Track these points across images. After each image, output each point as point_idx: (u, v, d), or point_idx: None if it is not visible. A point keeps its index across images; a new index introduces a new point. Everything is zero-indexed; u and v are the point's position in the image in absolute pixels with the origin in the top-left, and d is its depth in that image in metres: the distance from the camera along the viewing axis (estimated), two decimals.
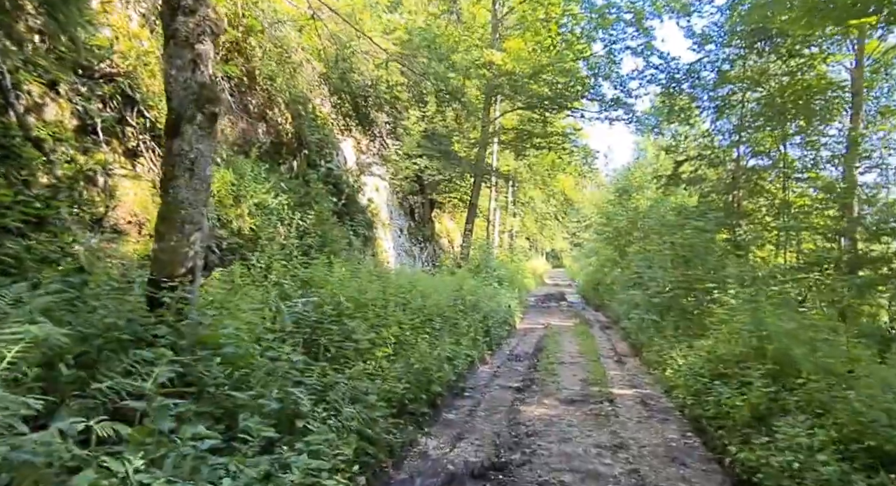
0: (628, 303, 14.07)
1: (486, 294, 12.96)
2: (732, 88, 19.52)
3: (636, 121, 21.49)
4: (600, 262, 28.64)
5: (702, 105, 20.03)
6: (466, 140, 20.72)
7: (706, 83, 20.57)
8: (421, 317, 7.40)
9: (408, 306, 7.30)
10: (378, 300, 6.61)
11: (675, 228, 11.26)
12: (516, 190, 41.52)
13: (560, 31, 18.00)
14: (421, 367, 5.69)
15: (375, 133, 10.98)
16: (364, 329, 5.50)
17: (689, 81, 19.47)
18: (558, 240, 61.86)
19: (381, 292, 7.60)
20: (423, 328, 7.08)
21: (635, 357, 11.33)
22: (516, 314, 16.39)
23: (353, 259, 11.31)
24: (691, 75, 19.36)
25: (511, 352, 11.60)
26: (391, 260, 15.96)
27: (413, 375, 5.53)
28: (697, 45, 20.10)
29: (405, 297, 7.69)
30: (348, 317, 5.74)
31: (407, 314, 7.13)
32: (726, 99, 19.97)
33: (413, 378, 5.55)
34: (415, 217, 19.94)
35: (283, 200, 9.13)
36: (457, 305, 8.96)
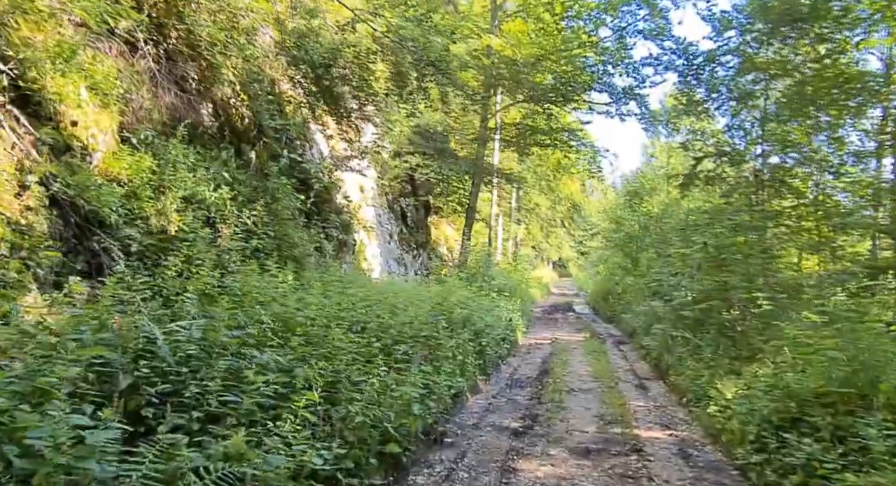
0: (647, 315, 12.20)
1: (481, 307, 11.13)
2: (756, 76, 17.75)
3: (649, 116, 19.70)
4: (610, 270, 26.77)
5: (722, 96, 18.24)
6: (463, 136, 18.97)
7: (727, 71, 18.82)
8: (387, 340, 5.59)
9: (367, 327, 5.50)
10: (319, 320, 4.81)
11: (705, 227, 9.41)
12: (521, 196, 39.77)
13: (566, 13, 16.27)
14: (368, 418, 3.88)
15: (342, 113, 9.22)
16: (280, 365, 3.70)
17: (709, 67, 17.68)
18: (565, 248, 59.98)
19: (338, 307, 5.80)
20: (388, 357, 5.26)
21: (659, 381, 9.45)
22: (519, 328, 14.54)
23: (322, 267, 9.55)
24: (712, 61, 17.57)
25: (511, 376, 9.74)
26: (376, 268, 14.18)
27: (353, 432, 3.73)
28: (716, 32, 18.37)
29: (369, 313, 5.89)
30: (264, 347, 3.95)
31: (366, 337, 5.32)
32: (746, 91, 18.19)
33: (355, 438, 3.75)
34: (407, 222, 18.18)
35: (226, 193, 7.37)
36: (438, 322, 7.12)
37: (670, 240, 15.18)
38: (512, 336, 12.68)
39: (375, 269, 14.09)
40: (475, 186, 19.00)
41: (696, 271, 10.33)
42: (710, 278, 8.54)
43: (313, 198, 10.21)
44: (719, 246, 8.53)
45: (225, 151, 7.92)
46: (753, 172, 18.68)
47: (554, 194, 40.45)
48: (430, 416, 5.39)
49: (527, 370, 10.37)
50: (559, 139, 19.99)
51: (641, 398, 8.10)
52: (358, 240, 13.50)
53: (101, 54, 6.40)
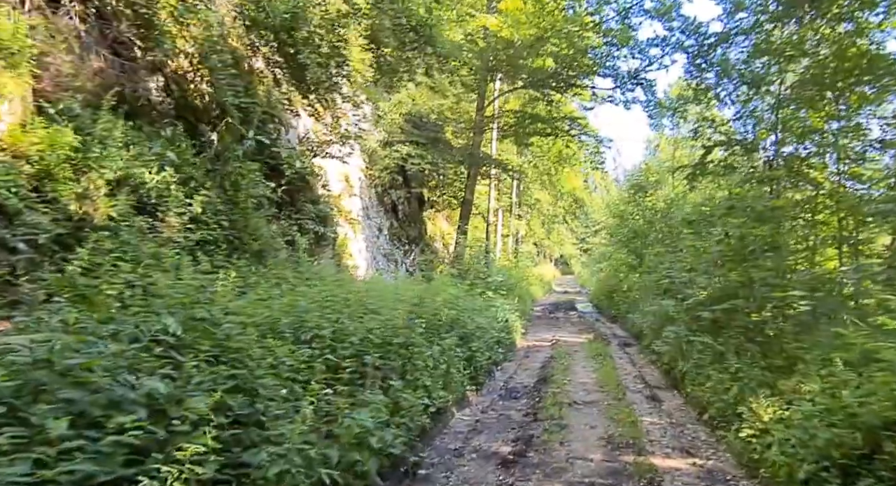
0: (656, 316, 11.10)
1: (473, 307, 10.06)
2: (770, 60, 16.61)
3: (655, 104, 18.57)
4: (614, 266, 25.65)
5: (734, 80, 17.10)
6: (459, 125, 17.86)
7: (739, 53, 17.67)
8: (344, 351, 4.51)
9: (320, 336, 4.42)
10: (251, 330, 3.73)
11: (724, 217, 8.30)
12: (522, 191, 38.67)
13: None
14: (291, 467, 2.80)
15: (309, 86, 8.13)
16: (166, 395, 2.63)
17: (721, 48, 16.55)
18: (567, 245, 58.93)
19: (286, 311, 4.73)
20: (338, 374, 4.17)
21: (673, 391, 8.37)
22: (517, 330, 13.46)
23: (293, 263, 8.48)
24: (724, 42, 16.43)
25: (505, 385, 8.67)
26: (362, 265, 13.11)
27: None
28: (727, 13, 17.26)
29: (327, 318, 4.80)
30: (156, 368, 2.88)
31: (316, 349, 4.25)
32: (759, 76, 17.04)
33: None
34: (398, 215, 17.09)
35: (169, 176, 6.30)
36: (414, 326, 6.04)
37: (680, 233, 14.08)
38: (508, 339, 11.60)
39: (361, 265, 13.02)
40: (471, 178, 17.91)
41: (712, 267, 9.23)
42: (733, 274, 7.44)
43: (284, 186, 9.14)
44: (743, 237, 7.42)
45: (170, 127, 6.83)
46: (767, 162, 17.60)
47: (556, 189, 39.28)
48: (397, 445, 4.32)
49: (524, 378, 9.29)
50: (560, 128, 18.87)
51: (654, 413, 7.01)
52: (341, 234, 12.42)
53: (7, 5, 5.34)
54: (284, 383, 3.42)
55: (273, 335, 3.97)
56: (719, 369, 6.57)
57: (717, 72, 17.77)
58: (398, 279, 10.83)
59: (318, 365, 3.91)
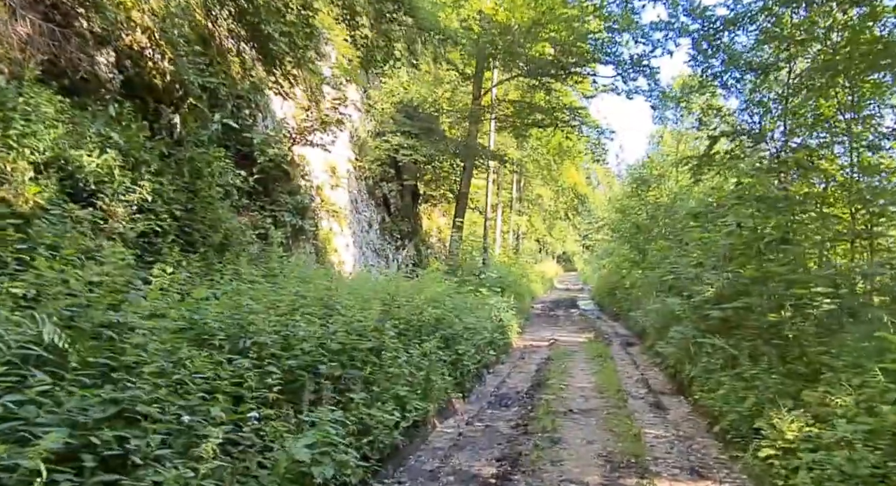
0: (660, 314, 10.37)
1: (462, 305, 9.34)
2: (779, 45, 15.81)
3: (659, 92, 17.79)
4: (616, 263, 24.92)
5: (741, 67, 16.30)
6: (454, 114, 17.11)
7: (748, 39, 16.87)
8: (292, 362, 3.80)
9: (260, 343, 3.69)
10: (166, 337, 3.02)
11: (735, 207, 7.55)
12: (522, 186, 37.94)
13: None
14: None
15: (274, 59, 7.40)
16: None
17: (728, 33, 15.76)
18: (570, 242, 58.23)
19: (224, 312, 4.01)
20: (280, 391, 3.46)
21: (679, 397, 7.65)
22: (512, 329, 12.75)
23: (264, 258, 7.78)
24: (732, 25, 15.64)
25: (496, 391, 7.96)
26: (349, 261, 12.41)
27: None
28: None
29: (275, 322, 4.08)
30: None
31: (254, 360, 3.54)
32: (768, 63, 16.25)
33: None
34: (390, 209, 16.38)
35: (112, 159, 5.59)
36: (386, 327, 5.31)
37: (685, 227, 13.35)
38: (502, 339, 10.89)
39: (347, 261, 12.32)
40: (467, 171, 17.19)
41: (721, 262, 8.50)
42: (745, 269, 6.72)
43: (257, 174, 8.43)
44: (756, 228, 6.68)
45: (113, 105, 6.12)
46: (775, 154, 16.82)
47: (557, 185, 38.50)
48: (354, 474, 3.61)
49: (517, 382, 8.58)
50: (560, 119, 18.10)
51: (659, 424, 6.29)
52: (325, 228, 11.72)
53: None
54: (192, 405, 2.70)
55: (200, 344, 3.26)
56: (732, 374, 5.84)
57: (724, 59, 17.00)
58: (384, 276, 10.12)
59: (252, 381, 3.19)
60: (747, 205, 6.93)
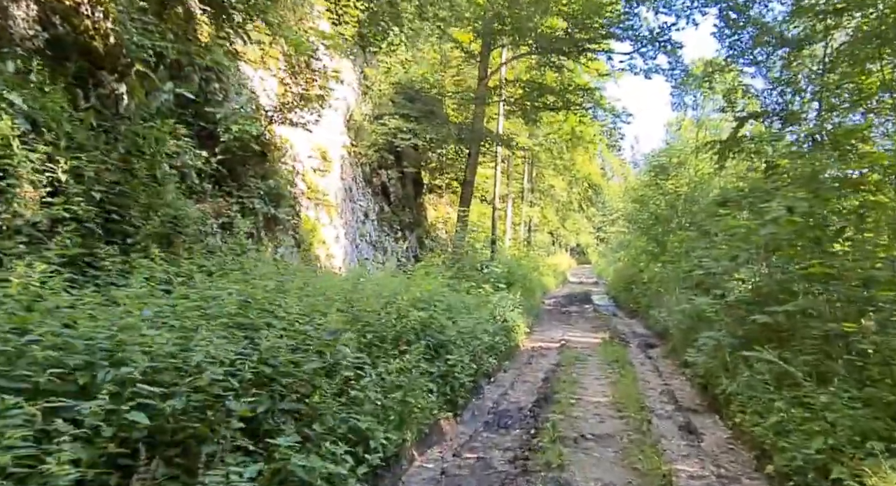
0: (685, 314, 9.10)
1: (458, 305, 8.17)
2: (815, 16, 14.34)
3: (681, 70, 16.40)
4: (633, 256, 23.59)
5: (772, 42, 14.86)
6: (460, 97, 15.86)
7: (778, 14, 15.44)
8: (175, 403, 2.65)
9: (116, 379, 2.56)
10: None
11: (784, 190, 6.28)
12: (535, 177, 36.59)
13: None
14: None
15: (224, 13, 6.26)
16: None
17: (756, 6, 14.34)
18: (584, 234, 56.79)
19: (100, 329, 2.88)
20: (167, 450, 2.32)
21: (714, 416, 6.43)
22: (519, 329, 11.56)
23: (225, 252, 6.69)
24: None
25: (495, 407, 6.79)
26: (338, 254, 11.28)
27: None
28: None
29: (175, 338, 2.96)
30: None
31: (111, 399, 2.39)
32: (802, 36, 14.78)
33: None
34: (390, 199, 15.22)
35: (8, 128, 4.49)
36: (340, 340, 4.13)
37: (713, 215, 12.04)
38: (507, 342, 9.72)
39: (337, 254, 11.20)
40: (472, 157, 15.96)
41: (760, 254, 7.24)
42: (812, 265, 5.45)
43: (221, 154, 7.30)
44: (813, 214, 5.42)
45: (14, 61, 5.01)
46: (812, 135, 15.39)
47: (570, 174, 37.07)
48: None
49: (520, 394, 7.41)
50: (573, 101, 16.77)
51: (693, 455, 5.08)
52: (311, 218, 10.61)
53: None
54: None
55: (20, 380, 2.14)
56: (787, 398, 4.61)
57: (752, 34, 15.55)
58: (363, 272, 8.98)
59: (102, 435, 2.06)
60: (800, 186, 5.66)
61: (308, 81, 8.53)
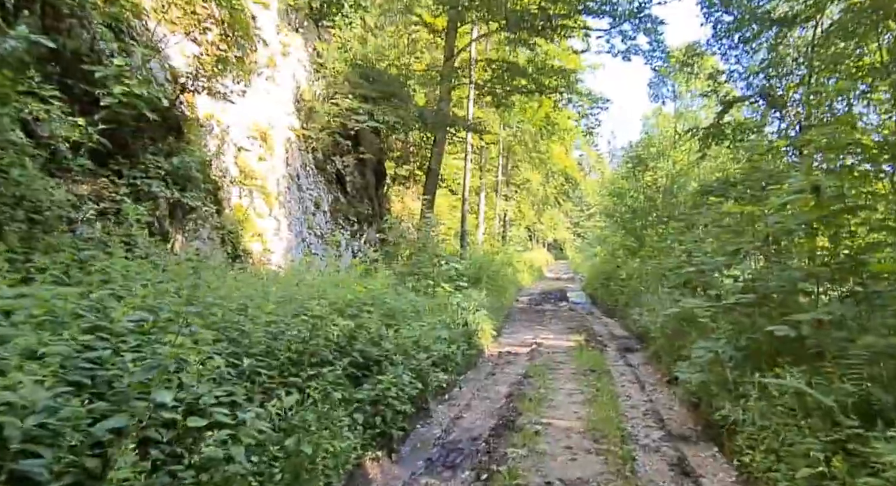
0: (673, 318, 7.88)
1: (410, 309, 6.85)
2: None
3: (661, 52, 15.27)
4: (611, 251, 22.52)
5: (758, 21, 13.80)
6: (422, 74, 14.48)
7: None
8: None
9: None
10: None
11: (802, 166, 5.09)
12: (510, 171, 35.39)
13: None
14: None
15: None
16: None
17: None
18: (560, 229, 55.96)
19: None
20: None
21: (712, 448, 5.21)
22: (485, 333, 10.30)
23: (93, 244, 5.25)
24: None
25: (444, 435, 5.48)
26: (278, 249, 9.85)
27: None
28: None
29: None
30: None
31: None
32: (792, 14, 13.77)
33: None
34: (346, 188, 13.81)
35: None
36: (160, 377, 2.77)
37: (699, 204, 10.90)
38: (467, 350, 8.41)
39: (277, 250, 9.77)
40: (438, 143, 14.63)
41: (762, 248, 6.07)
42: (874, 265, 4.22)
43: (104, 124, 5.84)
44: (842, 195, 4.21)
45: None
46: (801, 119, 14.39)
47: (546, 167, 35.93)
48: None
49: (477, 418, 6.12)
50: (547, 85, 15.52)
51: None
52: (245, 207, 9.17)
53: None
54: None
55: None
56: (826, 441, 3.38)
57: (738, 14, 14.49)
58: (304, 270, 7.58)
59: None
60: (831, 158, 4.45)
61: (227, 42, 7.09)
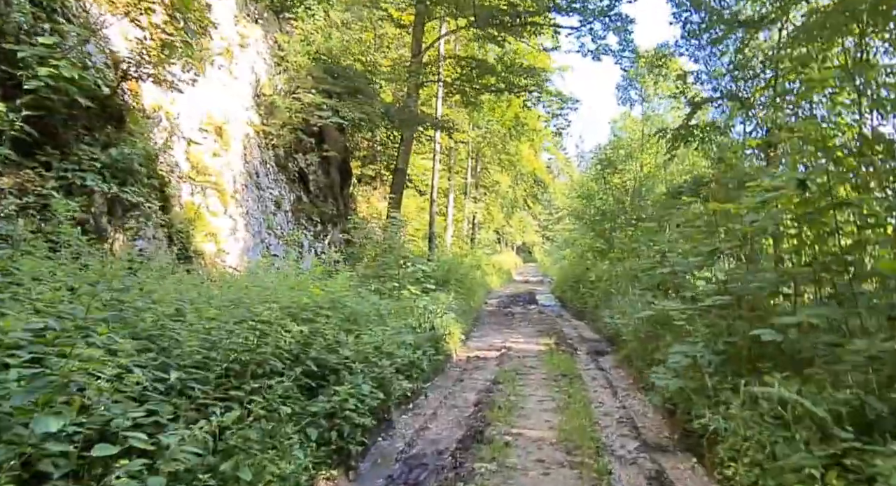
0: (647, 322, 7.63)
1: (373, 313, 6.42)
2: None
3: (631, 52, 15.18)
4: (580, 253, 22.44)
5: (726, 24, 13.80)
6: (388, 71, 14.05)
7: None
8: None
9: None
10: None
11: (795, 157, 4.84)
12: (479, 173, 35.17)
13: None
14: None
15: None
16: None
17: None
18: (529, 232, 56.15)
19: None
20: None
21: (689, 459, 4.92)
22: (453, 336, 9.92)
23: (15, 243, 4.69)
24: None
25: (407, 449, 5.07)
26: (234, 249, 9.29)
27: None
28: None
29: None
30: None
31: None
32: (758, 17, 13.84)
33: None
34: (309, 187, 13.27)
35: None
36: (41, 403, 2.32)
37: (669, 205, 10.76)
38: (433, 355, 8.01)
39: (232, 251, 9.21)
40: (405, 142, 14.22)
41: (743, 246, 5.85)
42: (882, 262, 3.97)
43: (28, 110, 5.25)
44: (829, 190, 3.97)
45: None
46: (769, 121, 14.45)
47: (515, 169, 35.83)
48: None
49: (443, 428, 5.72)
50: (517, 83, 15.27)
51: None
52: (197, 205, 8.60)
53: None
54: None
55: None
56: (822, 457, 3.09)
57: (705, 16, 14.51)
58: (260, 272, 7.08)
59: None
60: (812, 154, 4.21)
61: (174, 26, 6.56)
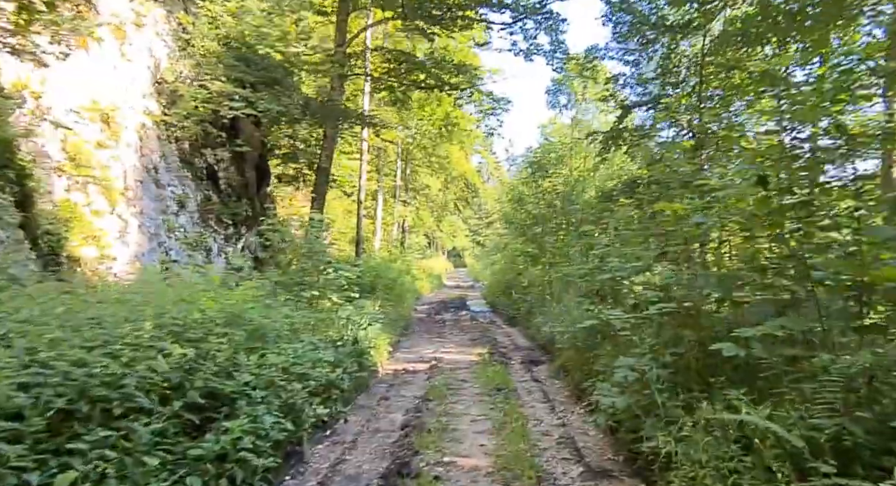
0: (587, 331, 7.13)
1: (283, 327, 5.55)
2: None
3: (562, 52, 14.99)
4: (511, 258, 22.18)
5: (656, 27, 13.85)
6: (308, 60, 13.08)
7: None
8: None
9: None
10: None
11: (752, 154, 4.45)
12: (409, 175, 34.46)
13: None
14: None
15: None
16: None
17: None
18: (460, 237, 56.05)
19: None
20: None
21: (636, 484, 4.41)
22: (380, 347, 9.13)
23: None
24: None
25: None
26: (123, 254, 8.07)
27: None
28: None
29: None
30: None
31: None
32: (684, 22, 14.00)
33: None
34: (219, 186, 12.08)
35: None
36: None
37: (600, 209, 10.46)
38: (356, 371, 7.18)
39: (121, 255, 7.99)
40: (328, 138, 13.29)
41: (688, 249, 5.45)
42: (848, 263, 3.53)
43: None
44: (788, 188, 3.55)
45: None
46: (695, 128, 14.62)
47: (446, 172, 35.39)
48: None
49: (364, 460, 4.93)
50: (447, 80, 14.70)
51: None
52: (76, 203, 7.36)
53: None
54: None
55: None
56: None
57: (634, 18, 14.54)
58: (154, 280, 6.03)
59: None
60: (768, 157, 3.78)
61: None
